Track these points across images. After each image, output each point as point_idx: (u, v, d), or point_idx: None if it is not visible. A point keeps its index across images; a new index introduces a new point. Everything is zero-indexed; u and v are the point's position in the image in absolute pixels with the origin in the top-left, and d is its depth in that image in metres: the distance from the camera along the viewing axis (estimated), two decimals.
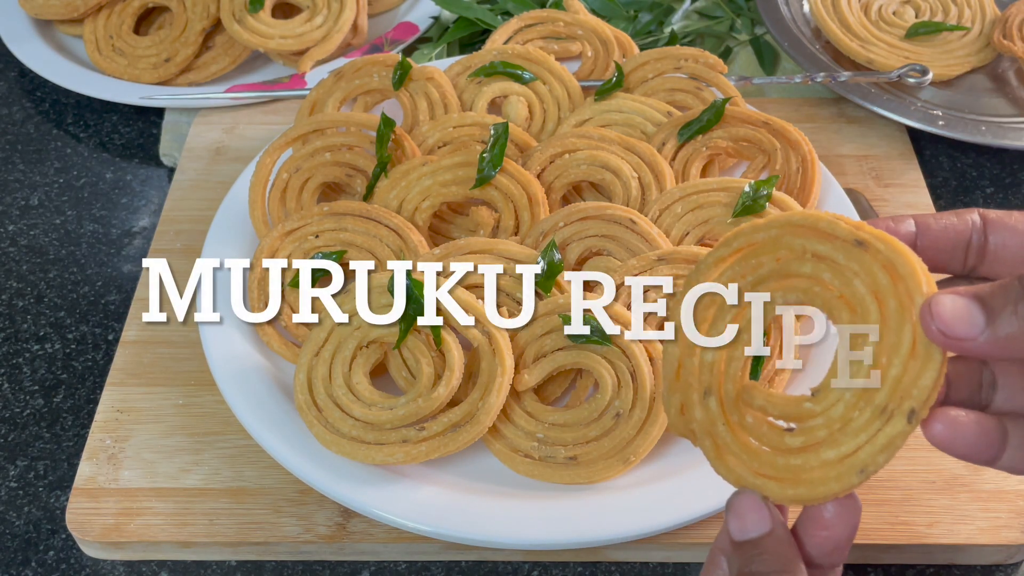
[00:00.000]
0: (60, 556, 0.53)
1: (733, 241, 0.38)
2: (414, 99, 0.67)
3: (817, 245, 0.35)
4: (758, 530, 0.36)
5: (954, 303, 0.31)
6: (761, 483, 0.36)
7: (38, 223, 0.72)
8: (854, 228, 0.35)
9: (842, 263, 0.35)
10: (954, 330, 0.31)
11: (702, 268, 0.38)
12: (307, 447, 0.51)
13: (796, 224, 0.36)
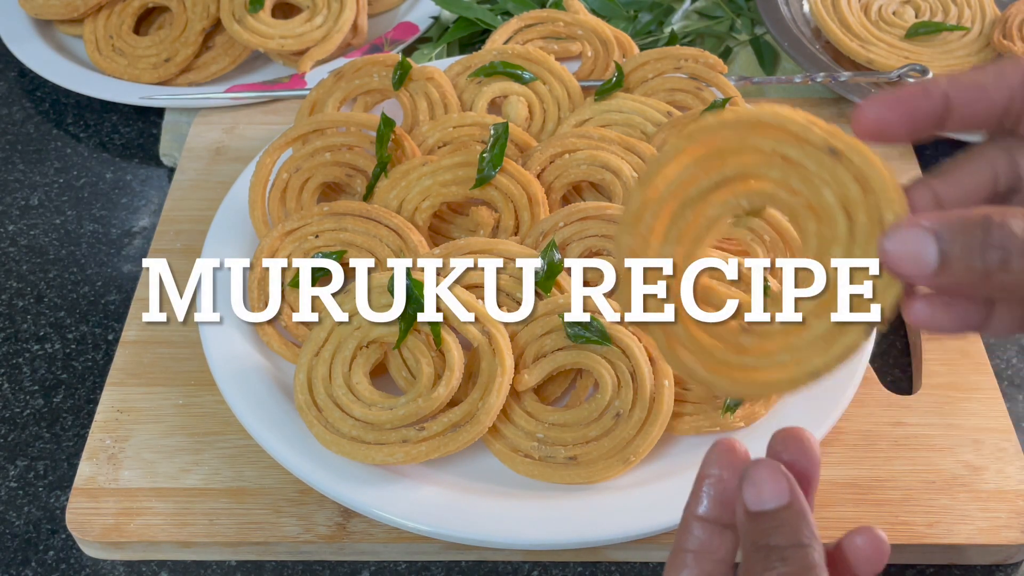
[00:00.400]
0: (60, 556, 0.53)
1: (696, 135, 0.34)
2: (414, 99, 0.67)
3: (787, 148, 0.33)
4: (776, 501, 0.34)
5: (907, 241, 0.30)
6: (712, 378, 0.35)
7: (38, 223, 0.72)
8: (828, 134, 0.33)
9: (812, 170, 0.33)
10: (903, 269, 0.31)
11: (661, 160, 0.35)
12: (307, 447, 0.51)
13: (766, 124, 0.33)
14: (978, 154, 0.34)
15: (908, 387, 0.59)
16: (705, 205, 0.34)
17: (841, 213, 0.32)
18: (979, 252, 0.29)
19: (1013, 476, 0.53)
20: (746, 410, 0.52)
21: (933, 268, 0.30)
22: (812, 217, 0.33)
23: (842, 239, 0.32)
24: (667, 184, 0.34)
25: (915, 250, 0.30)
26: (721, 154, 0.34)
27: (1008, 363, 0.61)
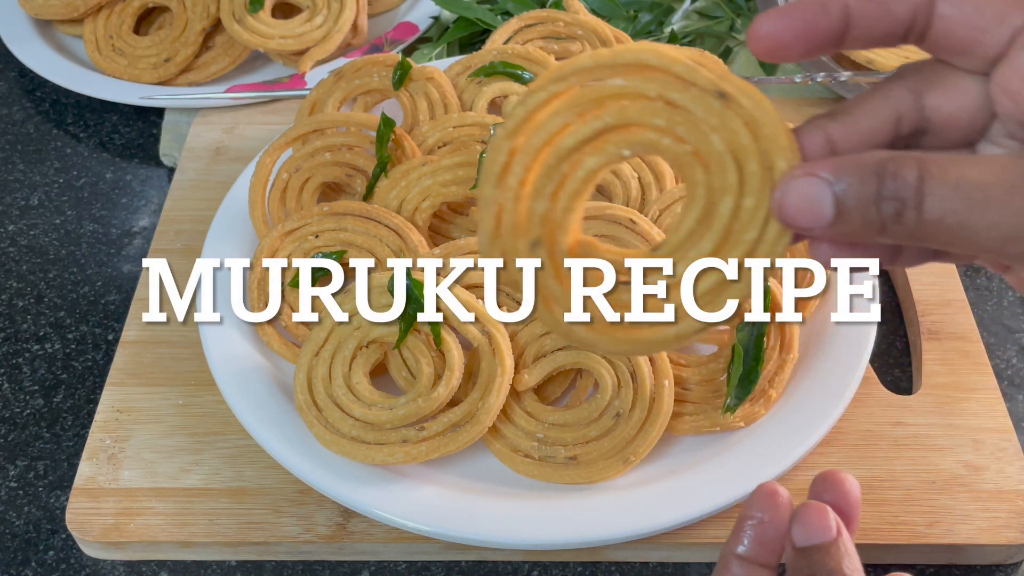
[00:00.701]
0: (60, 556, 0.53)
1: (569, 76, 0.31)
2: (414, 99, 0.67)
3: (672, 92, 0.30)
4: (821, 537, 0.36)
5: (801, 192, 0.28)
6: (592, 337, 0.33)
7: (38, 223, 0.72)
8: (717, 77, 0.30)
9: (699, 115, 0.30)
10: (797, 221, 0.29)
11: (529, 104, 0.32)
12: (307, 447, 0.51)
13: (648, 65, 0.31)
14: (879, 93, 0.32)
15: (908, 387, 0.59)
16: (582, 155, 0.32)
17: (731, 161, 0.30)
18: (874, 203, 0.28)
19: (1013, 476, 0.53)
20: (746, 410, 0.52)
21: (828, 220, 0.28)
22: (699, 166, 0.31)
23: (732, 188, 0.30)
24: (537, 131, 0.32)
25: (809, 201, 0.29)
26: (599, 99, 0.31)
27: (1008, 363, 0.61)
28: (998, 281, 0.66)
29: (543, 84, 0.32)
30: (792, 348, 0.53)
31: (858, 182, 0.28)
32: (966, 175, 0.27)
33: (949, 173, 0.27)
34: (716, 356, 0.54)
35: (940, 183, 0.27)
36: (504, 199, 0.32)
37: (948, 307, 0.61)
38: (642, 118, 0.31)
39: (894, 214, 0.28)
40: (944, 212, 0.27)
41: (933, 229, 0.28)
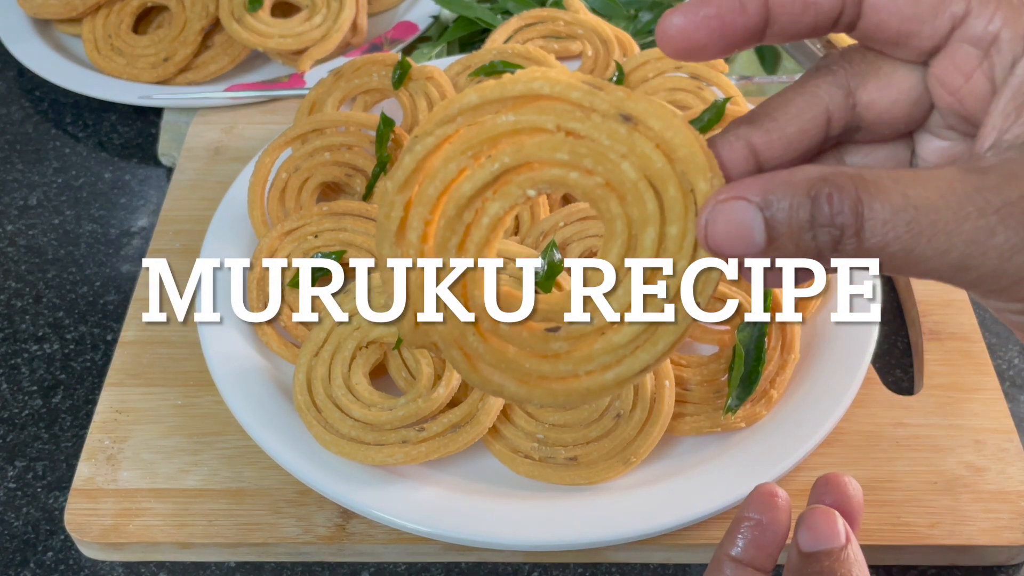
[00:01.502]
0: (59, 557, 0.53)
1: (455, 116, 0.29)
2: (414, 98, 0.67)
3: (572, 122, 0.28)
4: (829, 543, 0.35)
5: (728, 218, 0.25)
6: (525, 391, 0.30)
7: (37, 223, 0.72)
8: (617, 100, 0.28)
9: (605, 143, 0.28)
10: (726, 250, 0.26)
11: (416, 152, 0.29)
12: (306, 448, 0.51)
13: (541, 95, 0.28)
14: (806, 91, 0.29)
15: (910, 387, 0.59)
16: (484, 201, 0.30)
17: (647, 188, 0.28)
18: (809, 230, 0.25)
19: (1015, 477, 0.53)
20: (747, 411, 0.52)
21: (760, 247, 0.25)
22: (614, 197, 0.28)
23: (653, 218, 0.28)
24: (431, 180, 0.29)
25: (738, 227, 0.25)
26: (493, 138, 0.29)
27: (1010, 363, 0.61)
28: None
29: (429, 128, 0.29)
30: (793, 348, 0.53)
31: (789, 206, 0.25)
32: (909, 196, 0.24)
33: (891, 195, 0.24)
34: (717, 356, 0.54)
35: (881, 207, 0.24)
36: (408, 258, 0.30)
37: (950, 307, 0.61)
38: (543, 154, 0.28)
39: (831, 242, 0.25)
40: (887, 240, 0.24)
41: (876, 256, 0.25)
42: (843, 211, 0.24)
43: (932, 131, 0.30)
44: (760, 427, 0.52)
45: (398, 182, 0.30)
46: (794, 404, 0.53)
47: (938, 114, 0.29)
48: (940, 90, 0.28)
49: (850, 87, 0.29)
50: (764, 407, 0.52)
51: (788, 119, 0.28)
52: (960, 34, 0.27)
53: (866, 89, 0.29)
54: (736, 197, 0.26)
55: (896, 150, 0.30)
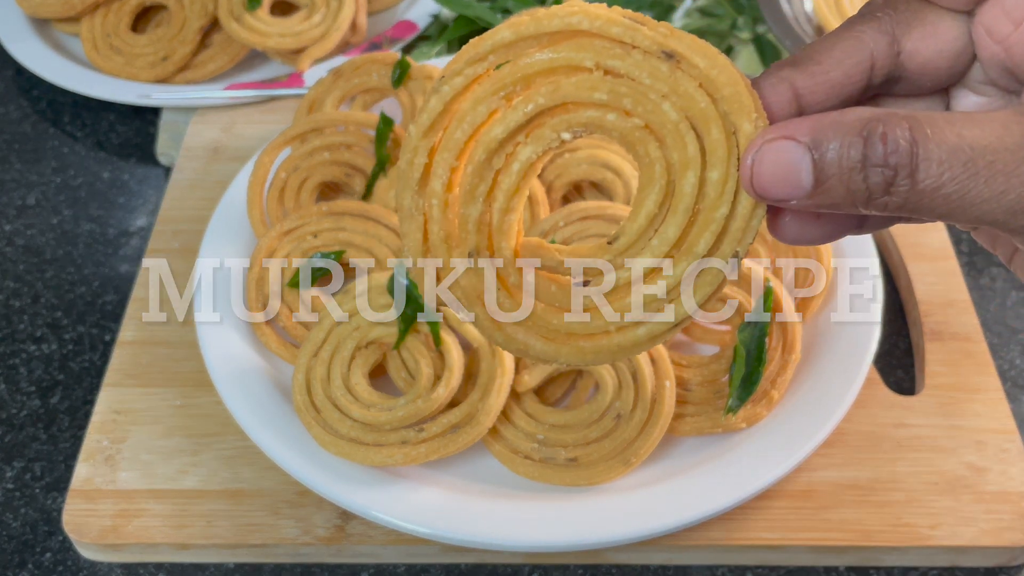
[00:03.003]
0: (57, 558, 0.53)
1: (487, 54, 0.27)
2: (413, 98, 0.67)
3: (611, 59, 0.26)
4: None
5: (774, 158, 0.25)
6: (552, 349, 0.29)
7: (35, 223, 0.72)
8: (660, 35, 0.26)
9: (646, 83, 0.26)
10: (771, 192, 0.25)
11: (443, 93, 0.28)
12: (305, 448, 0.51)
13: (580, 31, 0.26)
14: (851, 37, 0.28)
15: (911, 388, 0.59)
16: (515, 145, 0.28)
17: (688, 130, 0.26)
18: (860, 171, 0.24)
19: (1016, 478, 0.53)
20: (748, 411, 0.51)
21: (807, 190, 0.25)
22: (653, 140, 0.27)
23: (694, 161, 0.26)
24: (459, 124, 0.28)
25: (785, 169, 0.25)
26: (526, 77, 0.27)
27: (1012, 364, 0.61)
28: (1002, 282, 0.65)
29: (458, 67, 0.27)
30: (794, 349, 0.53)
31: (840, 146, 0.24)
32: (966, 137, 0.24)
33: (946, 135, 0.24)
34: (718, 357, 0.53)
35: (936, 147, 0.24)
36: (429, 208, 0.28)
37: (951, 308, 0.61)
38: (580, 94, 0.27)
39: (883, 183, 0.24)
40: (942, 180, 0.24)
41: (929, 200, 0.24)
42: (897, 150, 0.24)
43: (970, 86, 0.29)
44: (761, 428, 0.52)
45: (423, 127, 0.28)
46: (795, 404, 0.52)
47: (979, 68, 0.28)
48: (987, 39, 0.27)
49: (895, 34, 0.28)
50: (765, 407, 0.52)
51: (832, 63, 0.27)
52: None
53: (910, 37, 0.28)
54: (785, 137, 0.25)
55: (932, 105, 0.29)
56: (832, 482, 0.52)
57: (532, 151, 0.28)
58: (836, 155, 0.24)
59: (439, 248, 0.29)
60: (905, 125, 0.24)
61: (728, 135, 0.26)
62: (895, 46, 0.28)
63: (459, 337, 0.52)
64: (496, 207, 0.29)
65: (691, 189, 0.27)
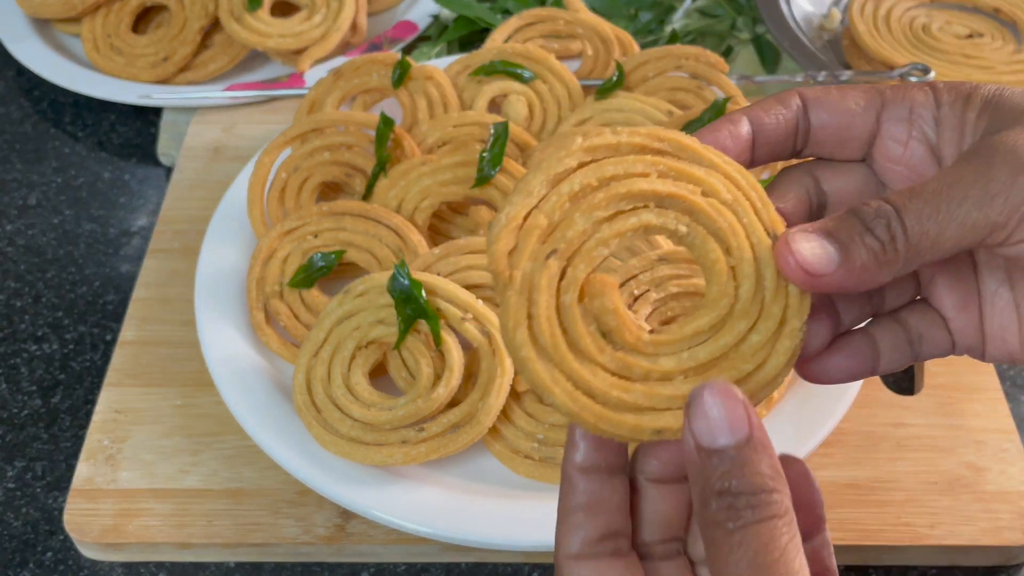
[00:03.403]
0: (58, 557, 0.53)
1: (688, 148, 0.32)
2: (413, 98, 0.67)
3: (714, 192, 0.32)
4: (735, 436, 0.28)
5: (809, 240, 0.30)
6: (569, 402, 0.30)
7: (36, 223, 0.72)
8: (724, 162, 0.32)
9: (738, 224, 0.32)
10: (814, 267, 0.30)
11: (622, 138, 0.31)
12: (306, 448, 0.51)
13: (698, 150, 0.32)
14: (790, 179, 0.36)
15: (910, 388, 0.59)
16: (646, 206, 0.31)
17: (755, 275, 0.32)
18: (865, 232, 0.30)
19: (1016, 477, 0.53)
20: None
21: (837, 261, 0.30)
22: (728, 275, 0.32)
23: (749, 312, 0.31)
24: (620, 162, 0.31)
25: (814, 247, 0.30)
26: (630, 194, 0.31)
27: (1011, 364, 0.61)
28: None
29: (647, 132, 0.31)
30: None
31: (844, 224, 0.30)
32: (926, 188, 0.30)
33: (911, 191, 0.30)
34: None
35: (908, 200, 0.30)
36: (547, 195, 0.30)
37: None
38: (710, 215, 0.31)
39: (887, 235, 0.30)
40: (923, 224, 0.30)
41: (921, 240, 0.30)
42: (884, 209, 0.30)
43: None
44: None
45: (591, 141, 0.31)
46: (795, 404, 0.52)
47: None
48: (887, 166, 0.35)
49: (814, 174, 0.36)
50: (764, 407, 0.52)
51: (787, 192, 0.35)
52: (886, 115, 0.34)
53: (825, 178, 0.36)
54: (804, 229, 0.31)
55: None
56: (831, 481, 0.53)
57: (654, 218, 0.31)
58: (844, 228, 0.30)
59: (528, 232, 0.30)
60: (878, 199, 0.31)
61: (763, 241, 0.31)
62: (818, 183, 0.36)
63: (459, 337, 0.52)
64: (599, 235, 0.31)
65: (734, 338, 0.31)
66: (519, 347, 0.30)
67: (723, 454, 0.28)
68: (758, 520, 0.27)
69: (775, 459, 0.29)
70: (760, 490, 0.28)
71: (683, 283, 0.54)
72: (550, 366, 0.30)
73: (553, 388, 0.30)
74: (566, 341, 0.30)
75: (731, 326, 0.31)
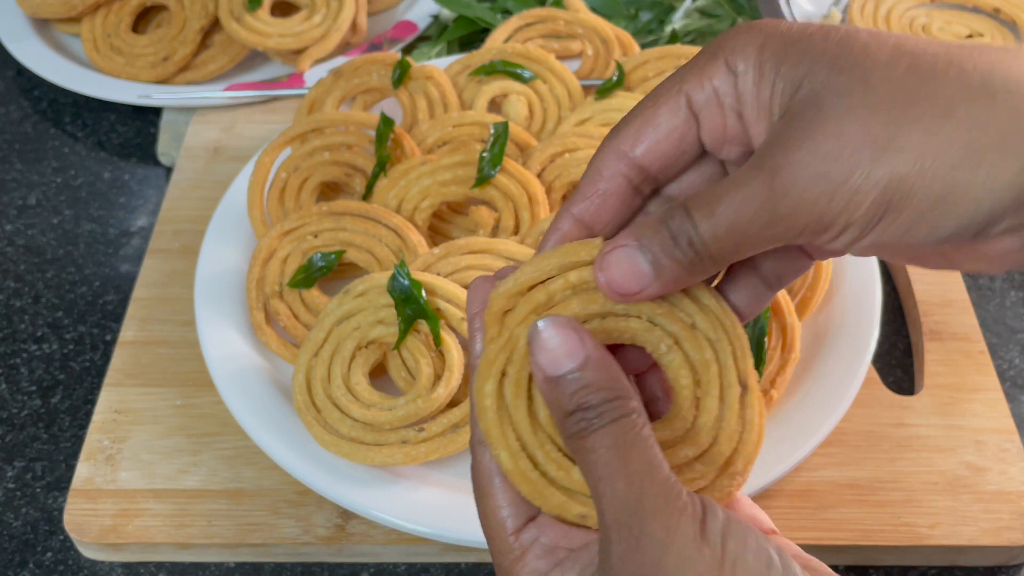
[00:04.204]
0: (58, 557, 0.53)
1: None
2: (413, 98, 0.67)
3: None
4: (576, 359, 0.31)
5: (620, 261, 0.31)
6: (518, 480, 0.32)
7: (36, 223, 0.72)
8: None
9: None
10: (629, 287, 0.31)
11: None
12: (306, 448, 0.51)
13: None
14: (599, 175, 0.34)
15: (910, 387, 0.59)
16: (629, 316, 0.33)
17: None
18: (674, 245, 0.31)
19: (1016, 477, 0.53)
20: None
21: (651, 276, 0.31)
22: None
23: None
24: None
25: (630, 267, 0.31)
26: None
27: (1011, 364, 0.61)
28: (1000, 281, 0.66)
29: None
30: (794, 348, 0.53)
31: (655, 237, 0.31)
32: (714, 195, 0.30)
33: (703, 199, 0.30)
34: None
35: (698, 207, 0.30)
36: (555, 277, 0.33)
37: (950, 307, 0.61)
38: (692, 345, 0.33)
39: (687, 245, 0.30)
40: (714, 228, 0.30)
41: (719, 244, 0.30)
42: (684, 219, 0.31)
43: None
44: None
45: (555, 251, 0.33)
46: (794, 404, 0.52)
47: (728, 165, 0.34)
48: (719, 147, 0.33)
49: (622, 151, 0.34)
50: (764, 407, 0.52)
51: (604, 193, 0.34)
52: (697, 108, 0.33)
53: (640, 145, 0.33)
54: (619, 245, 0.31)
55: (706, 170, 0.35)
56: (831, 481, 0.53)
57: (638, 325, 0.33)
58: (655, 243, 0.31)
59: (523, 306, 0.33)
60: (679, 205, 0.31)
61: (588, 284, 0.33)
62: (630, 160, 0.34)
63: (459, 337, 0.52)
64: None
65: (678, 461, 0.32)
66: (484, 395, 0.32)
67: (567, 378, 0.31)
68: (610, 421, 0.30)
69: (616, 372, 0.31)
70: (605, 400, 0.30)
71: None
72: (505, 424, 0.32)
73: (501, 443, 0.32)
74: (527, 408, 0.32)
75: (679, 449, 0.32)
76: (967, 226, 0.28)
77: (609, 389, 0.31)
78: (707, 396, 0.33)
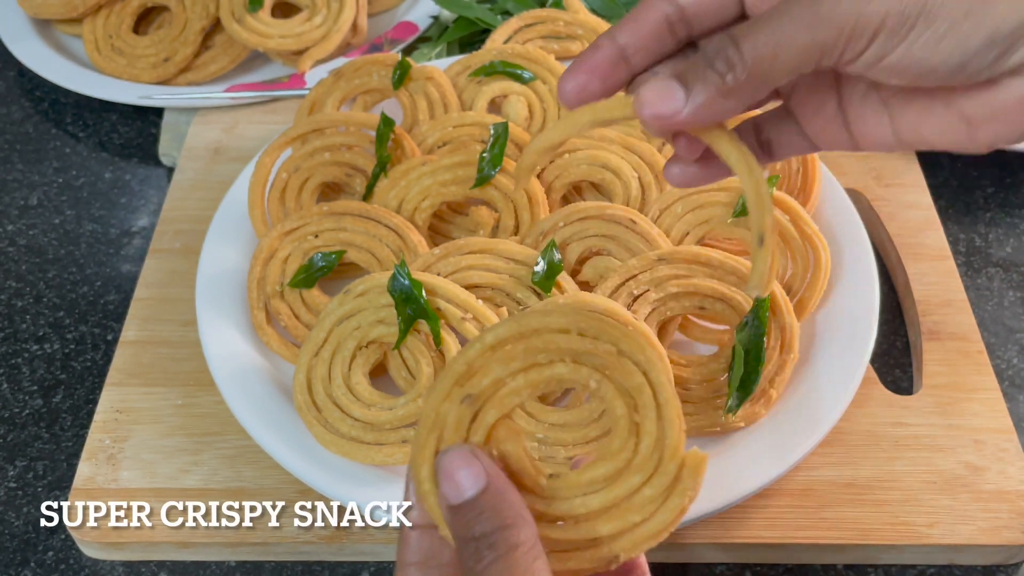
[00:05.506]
0: (59, 556, 0.53)
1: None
2: (414, 99, 0.67)
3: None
4: (473, 488, 0.32)
5: (655, 84, 0.32)
6: None
7: (37, 223, 0.72)
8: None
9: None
10: (661, 108, 0.32)
11: None
12: (306, 447, 0.51)
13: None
14: (646, 8, 0.36)
15: (909, 387, 0.59)
16: (563, 362, 0.34)
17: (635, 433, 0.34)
18: (710, 67, 0.32)
19: (1014, 476, 0.53)
20: (746, 410, 0.52)
21: (683, 99, 0.32)
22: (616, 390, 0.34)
23: (643, 468, 0.33)
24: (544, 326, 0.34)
25: (662, 90, 0.32)
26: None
27: (1009, 363, 0.61)
28: (999, 281, 0.66)
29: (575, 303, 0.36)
30: (793, 348, 0.53)
31: (687, 61, 0.33)
32: (762, 17, 0.32)
33: (750, 22, 0.32)
34: (716, 356, 0.54)
35: (744, 31, 0.32)
36: (471, 343, 0.33)
37: (949, 307, 0.61)
38: (621, 373, 0.33)
39: (726, 65, 0.31)
40: (758, 46, 0.31)
41: (759, 63, 0.31)
42: (723, 41, 0.32)
43: None
44: (759, 427, 0.52)
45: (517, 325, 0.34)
46: (793, 404, 0.53)
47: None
48: None
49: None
50: (763, 407, 0.52)
51: (643, 23, 0.35)
52: None
53: None
54: (654, 75, 0.34)
55: (823, 98, 0.37)
56: (830, 481, 0.53)
57: (569, 372, 0.34)
58: (687, 66, 0.32)
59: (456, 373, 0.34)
60: (717, 33, 0.33)
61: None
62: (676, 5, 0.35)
63: (459, 337, 0.52)
64: (513, 384, 0.34)
65: (626, 491, 0.33)
66: (421, 481, 0.33)
67: (467, 506, 0.32)
68: (499, 556, 0.31)
69: (512, 498, 0.32)
70: (499, 528, 0.31)
71: (683, 283, 0.54)
72: None
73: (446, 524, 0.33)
74: None
75: (625, 479, 0.33)
76: (992, 41, 0.30)
77: (505, 516, 0.32)
78: (645, 420, 0.33)
